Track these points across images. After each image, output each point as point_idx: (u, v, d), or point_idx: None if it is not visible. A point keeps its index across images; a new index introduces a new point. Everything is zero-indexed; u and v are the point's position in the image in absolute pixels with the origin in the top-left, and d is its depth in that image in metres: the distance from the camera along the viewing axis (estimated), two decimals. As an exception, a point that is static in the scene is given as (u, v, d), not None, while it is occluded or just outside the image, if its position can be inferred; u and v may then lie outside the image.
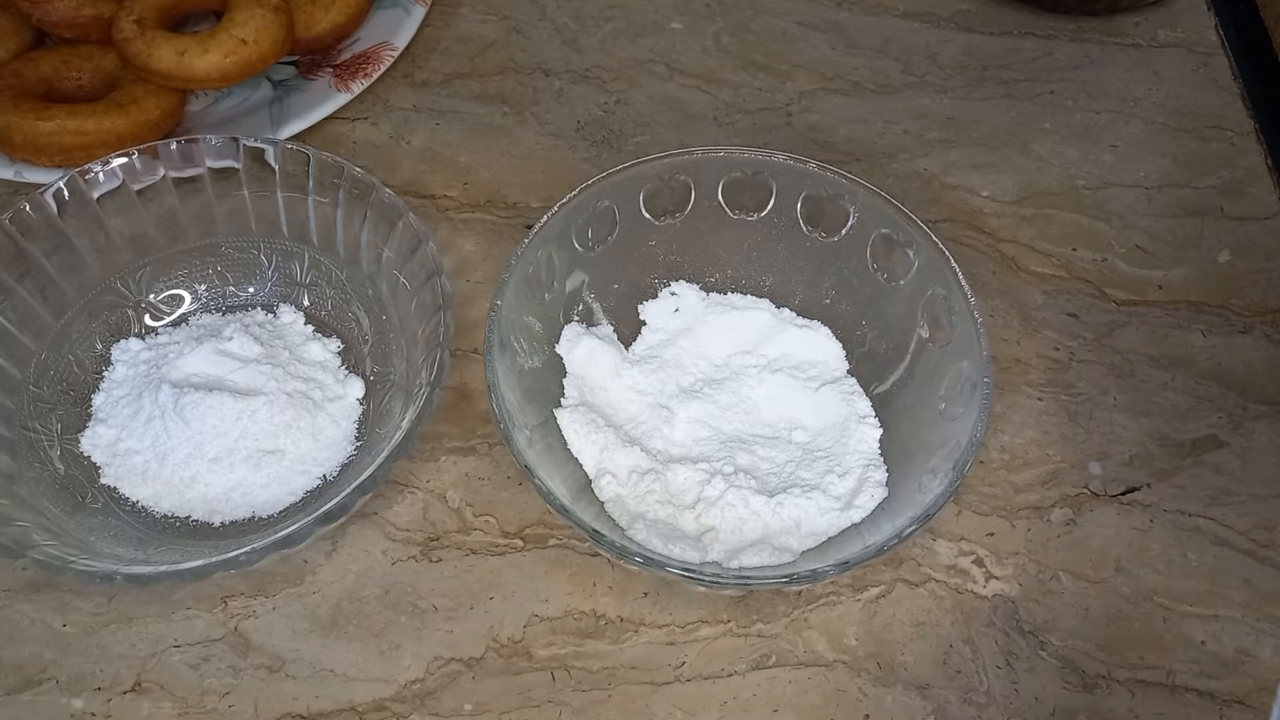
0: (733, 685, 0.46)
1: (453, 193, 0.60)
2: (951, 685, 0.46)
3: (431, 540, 0.49)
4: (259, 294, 0.54)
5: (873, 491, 0.48)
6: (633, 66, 0.65)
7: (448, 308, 0.48)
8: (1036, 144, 0.63)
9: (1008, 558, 0.49)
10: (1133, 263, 0.58)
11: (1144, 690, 0.46)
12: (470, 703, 0.45)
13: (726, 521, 0.47)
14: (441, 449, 0.51)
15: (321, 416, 0.50)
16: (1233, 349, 0.55)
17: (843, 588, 0.48)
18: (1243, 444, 0.53)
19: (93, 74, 0.59)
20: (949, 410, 0.47)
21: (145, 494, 0.48)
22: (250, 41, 0.57)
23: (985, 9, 0.68)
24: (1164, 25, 0.68)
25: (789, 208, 0.53)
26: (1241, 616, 0.48)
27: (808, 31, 0.67)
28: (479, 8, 0.67)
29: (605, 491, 0.48)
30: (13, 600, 0.47)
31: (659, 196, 0.53)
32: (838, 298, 0.53)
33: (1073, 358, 0.55)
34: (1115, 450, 0.52)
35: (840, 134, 0.63)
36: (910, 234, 0.50)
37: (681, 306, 0.54)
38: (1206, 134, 0.63)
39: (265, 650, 0.46)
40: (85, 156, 0.54)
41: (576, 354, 0.51)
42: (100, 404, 0.50)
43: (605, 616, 0.47)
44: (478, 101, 0.63)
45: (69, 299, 0.51)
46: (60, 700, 0.45)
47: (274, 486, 0.49)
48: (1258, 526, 0.50)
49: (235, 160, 0.52)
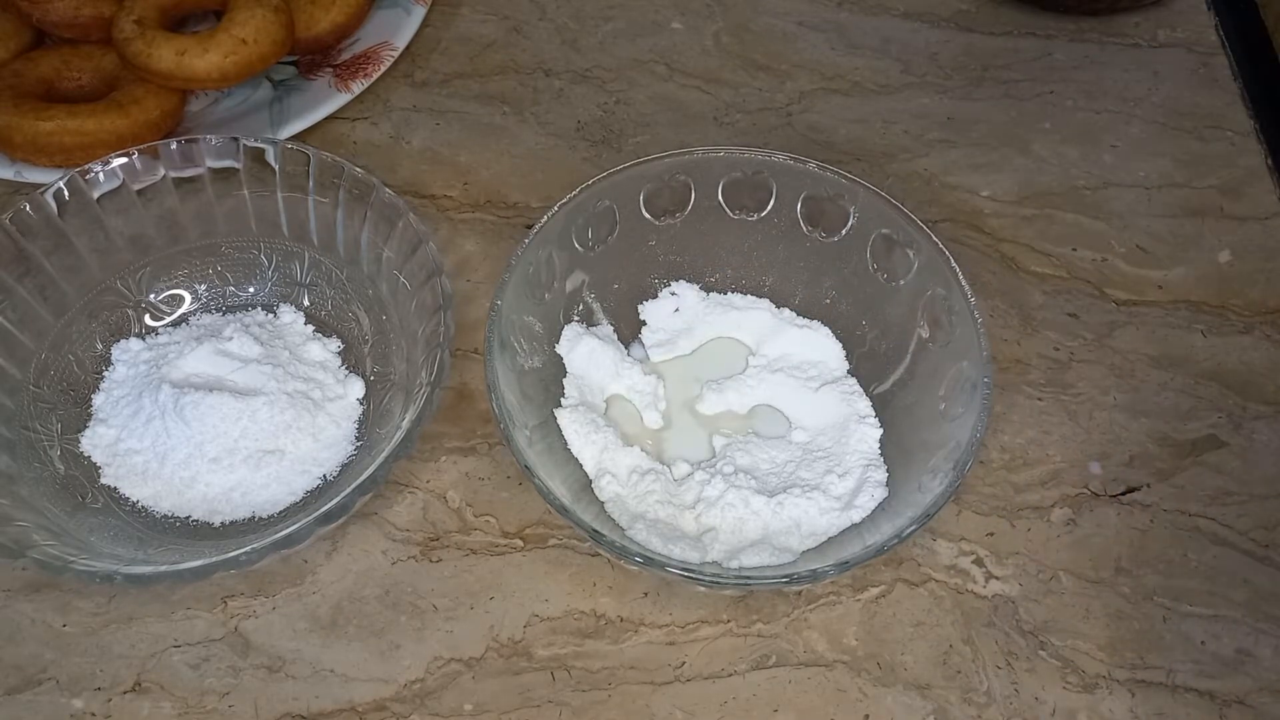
0: (733, 685, 0.46)
1: (453, 193, 0.60)
2: (951, 685, 0.46)
3: (431, 540, 0.49)
4: (259, 294, 0.54)
5: (873, 491, 0.48)
6: (633, 66, 0.65)
7: (448, 308, 0.48)
8: (1036, 144, 0.63)
9: (1008, 558, 0.49)
10: (1133, 263, 0.58)
11: (1144, 690, 0.46)
12: (470, 703, 0.45)
13: (726, 521, 0.47)
14: (441, 449, 0.51)
15: (321, 416, 0.50)
16: (1233, 349, 0.55)
17: (843, 588, 0.48)
18: (1243, 444, 0.53)
19: (93, 74, 0.59)
20: (949, 410, 0.47)
21: (145, 494, 0.48)
22: (250, 41, 0.57)
23: (985, 9, 0.68)
24: (1164, 25, 0.68)
25: (789, 208, 0.53)
26: (1241, 616, 0.48)
27: (808, 31, 0.67)
28: (479, 8, 0.67)
29: (605, 491, 0.48)
30: (13, 600, 0.47)
31: (659, 196, 0.53)
32: (838, 298, 0.53)
33: (1073, 358, 0.55)
34: (1115, 450, 0.52)
35: (840, 134, 0.63)
36: (910, 234, 0.50)
37: (681, 306, 0.54)
38: (1206, 134, 0.63)
39: (265, 650, 0.46)
40: (85, 156, 0.54)
41: (576, 354, 0.51)
42: (100, 404, 0.50)
43: (605, 616, 0.47)
44: (478, 101, 0.63)
45: (69, 299, 0.51)
46: (60, 700, 0.45)
47: (274, 486, 0.49)
48: (1258, 526, 0.50)
49: (235, 160, 0.52)
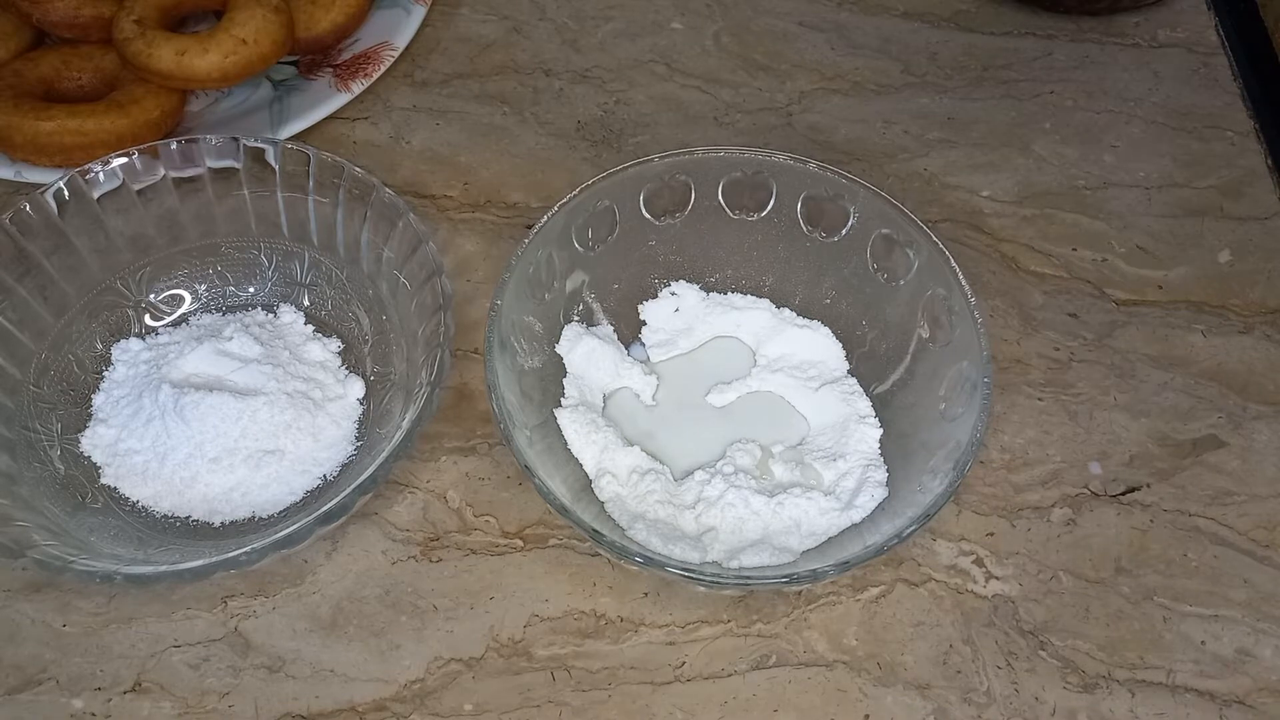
0: (733, 685, 0.46)
1: (453, 193, 0.60)
2: (951, 685, 0.46)
3: (431, 540, 0.49)
4: (259, 294, 0.54)
5: (873, 491, 0.48)
6: (633, 66, 0.65)
7: (448, 308, 0.48)
8: (1036, 144, 0.63)
9: (1008, 558, 0.49)
10: (1133, 263, 0.58)
11: (1144, 690, 0.46)
12: (470, 703, 0.45)
13: (726, 521, 0.47)
14: (441, 449, 0.51)
15: (321, 416, 0.50)
16: (1233, 349, 0.55)
17: (843, 588, 0.48)
18: (1243, 444, 0.53)
19: (93, 74, 0.59)
20: (949, 410, 0.47)
21: (145, 494, 0.48)
22: (250, 41, 0.57)
23: (985, 9, 0.68)
24: (1164, 25, 0.68)
25: (789, 208, 0.53)
26: (1241, 616, 0.48)
27: (808, 31, 0.67)
28: (479, 8, 0.67)
29: (605, 491, 0.48)
30: (13, 600, 0.47)
31: (659, 196, 0.53)
32: (838, 298, 0.53)
33: (1073, 358, 0.55)
34: (1115, 450, 0.52)
35: (840, 134, 0.63)
36: (910, 234, 0.50)
37: (681, 306, 0.54)
38: (1206, 134, 0.63)
39: (265, 650, 0.46)
40: (85, 156, 0.54)
41: (576, 354, 0.51)
42: (100, 404, 0.50)
43: (605, 616, 0.47)
44: (478, 101, 0.63)
45: (69, 299, 0.51)
46: (60, 700, 0.45)
47: (274, 486, 0.49)
48: (1258, 526, 0.50)
49: (235, 160, 0.52)
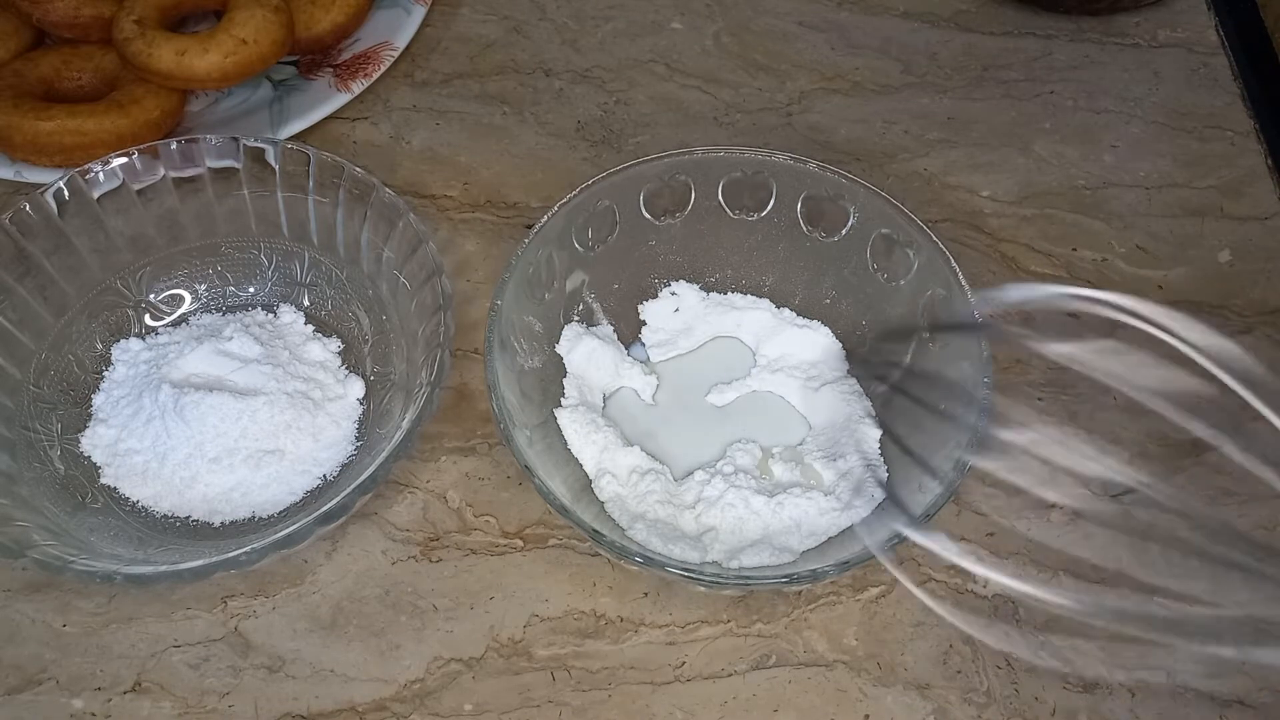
0: (733, 685, 0.46)
1: (453, 193, 0.60)
2: (951, 685, 0.46)
3: (431, 540, 0.49)
4: (259, 294, 0.54)
5: (873, 491, 0.48)
6: (633, 66, 0.65)
7: (448, 308, 0.48)
8: (1036, 144, 0.63)
9: (1008, 558, 0.49)
10: (1133, 263, 0.58)
11: (1144, 690, 0.46)
12: (470, 703, 0.45)
13: (726, 521, 0.47)
14: (441, 449, 0.51)
15: (321, 416, 0.50)
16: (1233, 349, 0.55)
17: (843, 588, 0.48)
18: (1243, 444, 0.52)
19: (93, 74, 0.59)
20: (949, 410, 0.47)
21: (145, 494, 0.48)
22: (250, 41, 0.57)
23: (985, 9, 0.68)
24: (1164, 25, 0.68)
25: (789, 208, 0.53)
26: (1242, 616, 0.48)
27: (808, 31, 0.67)
28: (479, 8, 0.67)
29: (605, 491, 0.48)
30: (13, 600, 0.47)
31: (659, 196, 0.53)
32: (838, 298, 0.53)
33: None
34: (1115, 450, 0.52)
35: (840, 134, 0.63)
36: (910, 234, 0.50)
37: (681, 306, 0.54)
38: (1206, 134, 0.63)
39: (265, 650, 0.46)
40: (85, 156, 0.54)
41: (576, 354, 0.51)
42: (100, 404, 0.50)
43: (605, 616, 0.47)
44: (478, 101, 0.63)
45: (69, 299, 0.51)
46: (60, 700, 0.45)
47: (274, 486, 0.49)
48: (1258, 527, 0.50)
49: (235, 160, 0.52)
